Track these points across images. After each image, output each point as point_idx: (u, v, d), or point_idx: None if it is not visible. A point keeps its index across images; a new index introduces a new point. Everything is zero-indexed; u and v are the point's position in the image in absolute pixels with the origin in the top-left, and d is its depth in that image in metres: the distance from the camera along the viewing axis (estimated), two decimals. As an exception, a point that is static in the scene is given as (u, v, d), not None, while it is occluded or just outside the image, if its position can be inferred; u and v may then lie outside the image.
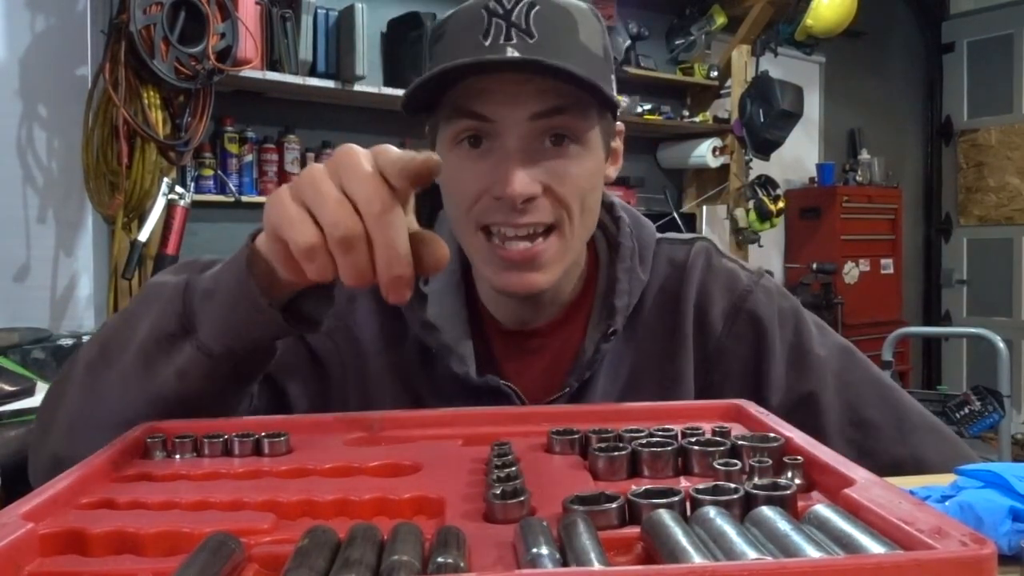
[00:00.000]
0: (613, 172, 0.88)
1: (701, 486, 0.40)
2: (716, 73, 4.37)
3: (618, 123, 0.87)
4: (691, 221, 4.44)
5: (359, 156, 0.55)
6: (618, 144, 0.89)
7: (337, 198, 0.53)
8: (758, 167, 4.37)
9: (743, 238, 4.34)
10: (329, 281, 0.56)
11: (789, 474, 0.45)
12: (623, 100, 3.88)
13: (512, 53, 0.75)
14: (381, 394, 0.85)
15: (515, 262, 0.78)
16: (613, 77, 0.84)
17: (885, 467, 0.71)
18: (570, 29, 0.78)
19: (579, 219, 0.80)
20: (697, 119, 4.33)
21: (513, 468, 0.45)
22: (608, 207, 0.94)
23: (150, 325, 0.68)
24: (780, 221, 4.39)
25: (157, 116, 2.64)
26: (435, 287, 0.88)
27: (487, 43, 0.76)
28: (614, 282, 0.88)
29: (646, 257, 0.91)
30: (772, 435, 0.49)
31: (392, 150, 0.55)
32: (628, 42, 4.06)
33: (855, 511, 0.38)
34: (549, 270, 0.80)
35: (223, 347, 0.64)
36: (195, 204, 2.85)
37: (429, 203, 0.92)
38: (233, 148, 3.19)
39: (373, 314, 0.88)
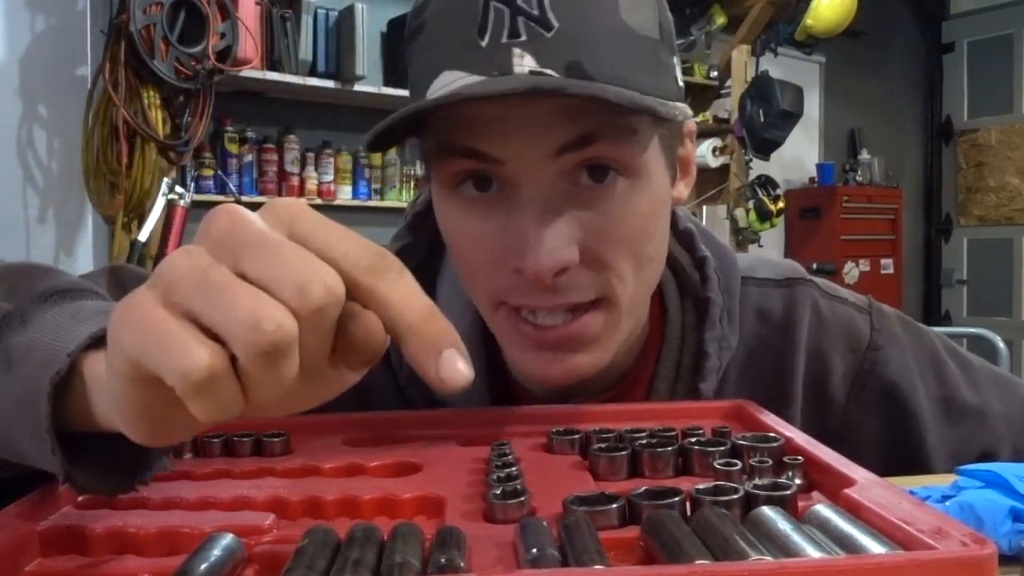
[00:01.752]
0: (685, 190, 0.65)
1: (701, 486, 0.40)
2: (716, 73, 4.37)
3: (688, 122, 0.64)
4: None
5: (256, 223, 0.33)
6: (688, 149, 0.65)
7: (248, 289, 0.31)
8: (758, 167, 4.37)
9: (743, 238, 4.34)
10: (226, 421, 0.32)
11: (789, 474, 0.45)
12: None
13: (522, 61, 0.53)
14: None
15: (550, 343, 0.59)
16: (676, 59, 0.61)
17: None
18: (607, 2, 0.55)
19: (635, 280, 0.59)
20: (697, 119, 4.32)
21: (513, 468, 0.45)
22: (686, 240, 0.71)
23: None
24: (780, 221, 4.38)
25: (157, 116, 2.64)
26: None
27: (484, 42, 0.54)
28: (702, 357, 0.67)
29: (734, 313, 0.69)
30: (772, 435, 0.49)
31: (334, 227, 0.33)
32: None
33: (855, 511, 0.38)
34: (597, 349, 0.60)
35: None
36: (195, 204, 2.85)
37: (432, 228, 0.68)
38: (233, 148, 3.19)
39: None
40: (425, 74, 0.57)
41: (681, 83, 0.63)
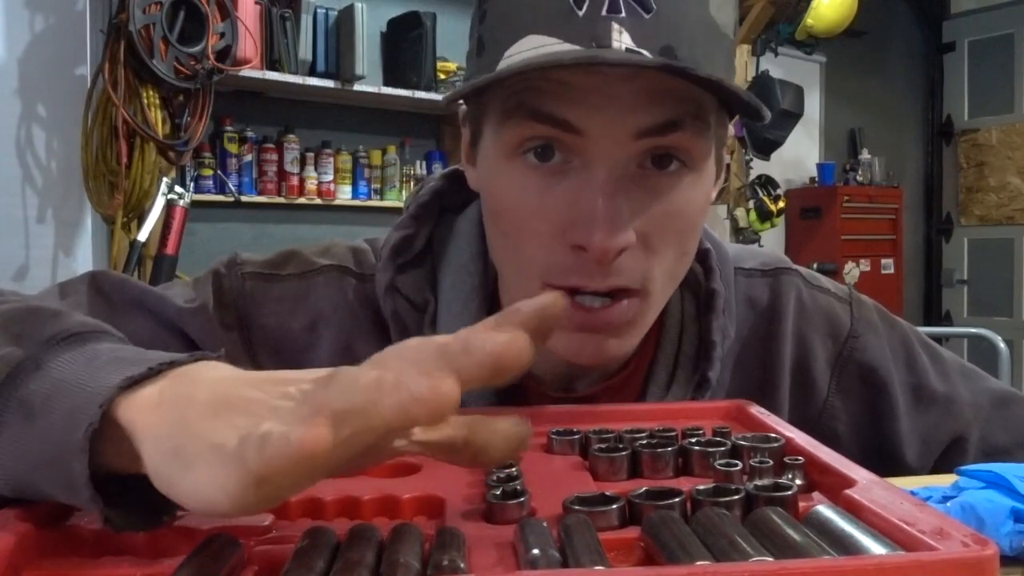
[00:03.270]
0: (714, 193, 0.64)
1: (702, 487, 0.40)
2: (716, 73, 4.37)
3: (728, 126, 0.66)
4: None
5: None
6: (724, 154, 0.65)
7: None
8: (758, 167, 4.37)
9: (743, 238, 4.34)
10: None
11: (790, 475, 0.44)
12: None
13: (620, 37, 0.53)
14: None
15: (589, 326, 0.59)
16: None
17: None
18: None
19: (672, 272, 0.61)
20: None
21: (513, 468, 0.45)
22: None
23: None
24: (780, 221, 4.39)
25: (156, 116, 2.64)
26: (446, 332, 0.64)
27: (581, 12, 0.53)
28: (709, 346, 0.68)
29: (731, 304, 0.71)
30: (773, 435, 0.49)
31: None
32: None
33: (856, 512, 0.38)
34: (628, 335, 0.61)
35: (8, 480, 0.41)
36: (194, 204, 2.86)
37: (434, 218, 0.71)
38: (232, 148, 3.19)
39: (341, 354, 0.66)
40: (503, 34, 0.56)
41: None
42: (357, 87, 3.29)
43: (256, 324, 0.67)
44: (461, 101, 0.65)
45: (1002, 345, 3.01)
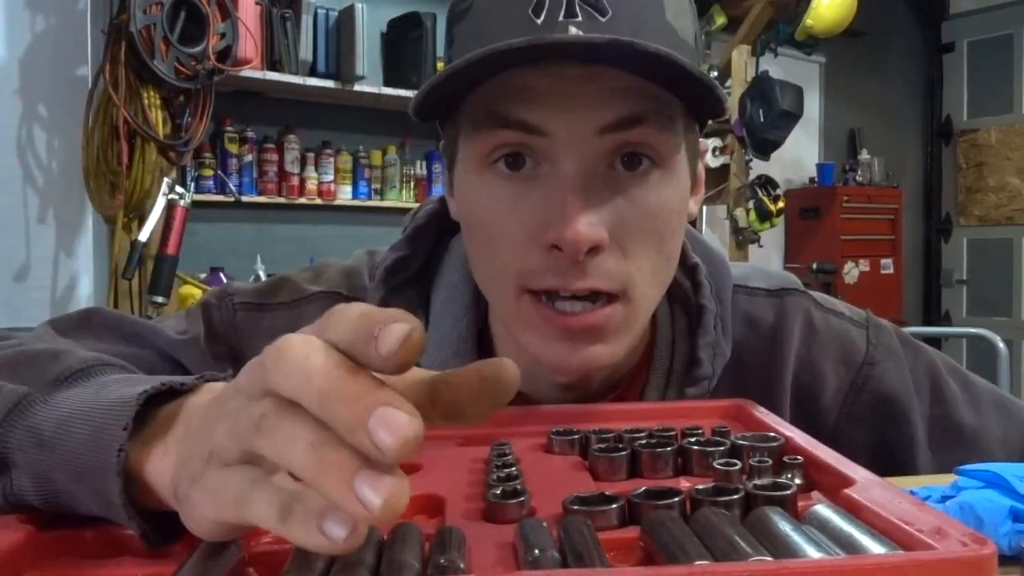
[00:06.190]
0: (695, 206, 0.65)
1: (701, 486, 0.40)
2: (716, 73, 4.36)
3: (703, 141, 0.66)
4: (691, 221, 4.42)
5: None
6: (701, 168, 0.67)
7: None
8: (758, 167, 4.36)
9: (743, 238, 4.34)
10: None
11: (789, 474, 0.44)
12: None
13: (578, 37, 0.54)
14: None
15: (571, 331, 0.58)
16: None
17: None
18: (655, 2, 0.57)
19: (652, 277, 0.60)
20: (697, 119, 4.32)
21: (513, 468, 0.45)
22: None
23: None
24: (780, 221, 4.38)
25: (157, 116, 2.64)
26: (434, 350, 0.66)
27: (540, 20, 0.54)
28: (695, 363, 0.67)
29: (727, 322, 0.69)
30: (772, 435, 0.49)
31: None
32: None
33: (855, 511, 0.38)
34: (614, 341, 0.60)
35: (43, 502, 0.41)
36: (195, 204, 2.85)
37: (430, 241, 0.72)
38: (233, 148, 3.19)
39: None
40: (470, 50, 0.56)
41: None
42: (357, 87, 3.29)
43: (248, 355, 0.66)
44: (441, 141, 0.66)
45: (1001, 345, 3.01)
